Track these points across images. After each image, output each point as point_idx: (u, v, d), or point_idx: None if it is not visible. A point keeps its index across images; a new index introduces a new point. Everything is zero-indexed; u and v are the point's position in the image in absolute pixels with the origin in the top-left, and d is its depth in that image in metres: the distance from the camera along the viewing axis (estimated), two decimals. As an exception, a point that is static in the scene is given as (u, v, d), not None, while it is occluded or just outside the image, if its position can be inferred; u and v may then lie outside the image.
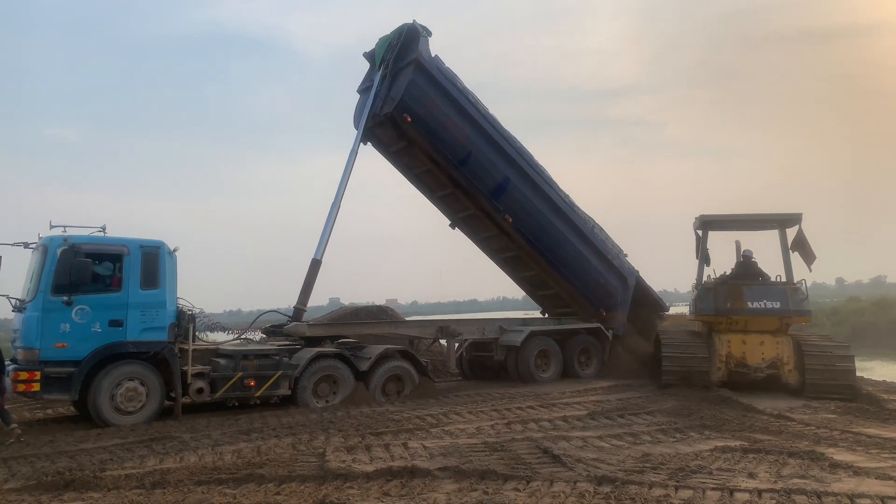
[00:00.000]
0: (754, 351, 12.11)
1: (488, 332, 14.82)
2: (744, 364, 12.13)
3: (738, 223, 13.71)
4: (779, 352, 11.98)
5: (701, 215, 13.20)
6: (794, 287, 12.27)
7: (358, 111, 14.43)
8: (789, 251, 12.67)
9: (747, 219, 13.51)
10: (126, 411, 9.97)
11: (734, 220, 13.55)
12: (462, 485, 6.11)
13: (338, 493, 5.90)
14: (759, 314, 12.06)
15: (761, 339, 12.10)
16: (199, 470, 6.88)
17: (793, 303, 12.01)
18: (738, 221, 13.60)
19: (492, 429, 8.93)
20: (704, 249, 13.16)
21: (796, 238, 12.51)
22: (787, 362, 11.88)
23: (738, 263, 13.21)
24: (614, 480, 6.04)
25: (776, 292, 12.20)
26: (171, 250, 10.81)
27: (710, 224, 13.29)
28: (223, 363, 11.04)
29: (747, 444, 7.63)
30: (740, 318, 12.21)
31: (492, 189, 14.19)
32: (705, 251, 13.17)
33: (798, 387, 11.65)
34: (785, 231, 12.87)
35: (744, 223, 13.71)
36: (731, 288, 12.54)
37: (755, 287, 12.47)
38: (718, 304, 12.37)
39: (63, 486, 6.38)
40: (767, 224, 13.42)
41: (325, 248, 13.18)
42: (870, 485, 5.86)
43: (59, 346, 9.71)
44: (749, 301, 12.15)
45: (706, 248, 13.18)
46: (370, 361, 11.87)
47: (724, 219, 13.43)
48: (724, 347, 12.27)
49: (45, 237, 10.27)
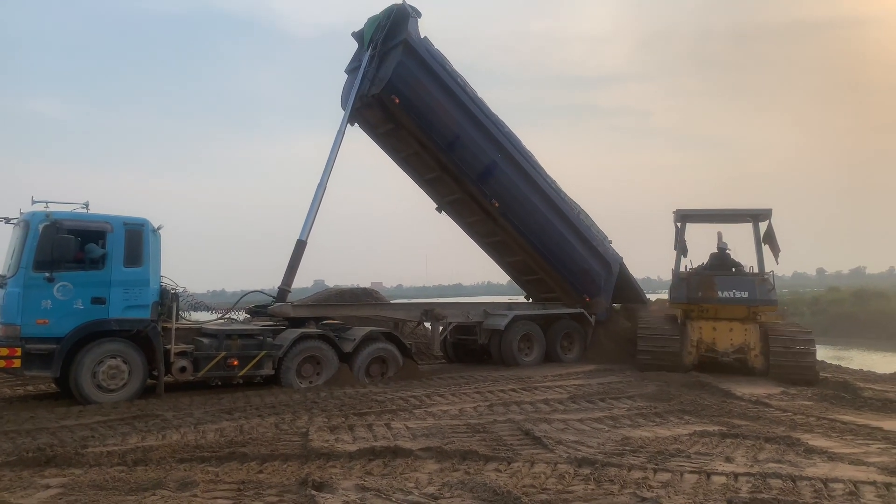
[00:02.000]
0: (724, 337, 12.88)
1: (473, 316, 14.87)
2: (713, 349, 12.93)
3: (714, 217, 14.45)
4: (746, 338, 12.70)
5: (678, 209, 13.94)
6: (762, 278, 12.96)
7: (345, 92, 14.33)
8: (761, 244, 13.33)
9: (722, 213, 14.29)
10: (108, 389, 9.93)
11: (709, 213, 14.33)
12: (444, 465, 6.17)
13: (320, 472, 5.93)
14: (728, 303, 12.90)
15: (730, 326, 12.86)
16: (181, 448, 6.89)
17: (760, 293, 12.76)
18: (714, 215, 14.36)
19: (474, 410, 9.00)
20: (682, 241, 13.85)
21: (766, 232, 13.23)
22: (754, 348, 12.59)
23: (712, 255, 13.89)
24: (594, 462, 6.12)
25: (745, 283, 12.95)
26: (155, 228, 10.73)
27: (688, 217, 14.02)
28: (206, 342, 11.02)
29: (725, 428, 7.75)
30: (711, 307, 13.05)
31: (479, 173, 14.18)
32: (683, 242, 13.86)
33: (763, 370, 12.39)
34: (758, 225, 13.48)
35: (719, 217, 14.44)
36: (703, 278, 13.35)
37: (726, 277, 13.25)
38: (691, 293, 13.22)
39: (44, 462, 6.37)
40: (741, 218, 14.07)
41: (310, 229, 13.13)
42: (843, 470, 5.98)
43: (41, 322, 9.63)
44: (719, 290, 12.99)
45: (684, 239, 13.85)
46: (354, 343, 11.89)
47: (701, 213, 14.20)
48: (696, 333, 13.03)
49: (27, 212, 10.15)
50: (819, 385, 11.41)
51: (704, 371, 12.43)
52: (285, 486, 5.48)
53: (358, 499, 5.11)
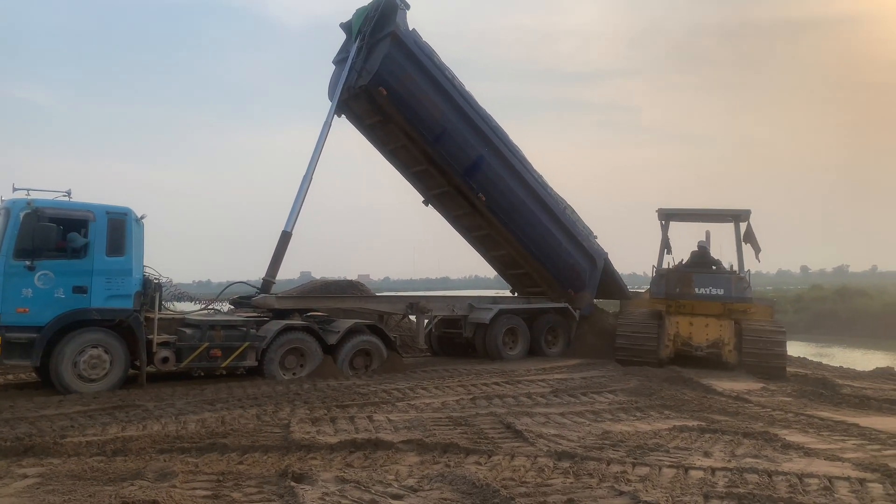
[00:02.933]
0: (700, 332, 13.27)
1: (458, 310, 14.89)
2: (688, 343, 13.28)
3: (696, 216, 14.80)
4: (721, 334, 13.09)
5: (661, 208, 14.36)
6: (738, 276, 13.34)
7: (333, 83, 14.25)
8: (742, 243, 13.69)
9: (703, 212, 14.66)
10: (89, 379, 9.86)
11: (691, 213, 14.68)
12: (425, 457, 6.19)
13: (301, 463, 5.94)
14: (704, 299, 13.35)
15: (706, 322, 13.26)
16: (161, 438, 6.86)
17: (736, 290, 13.19)
18: (695, 214, 14.71)
19: (457, 403, 9.03)
20: (665, 238, 14.21)
21: (746, 231, 13.62)
22: (728, 343, 12.99)
23: (692, 253, 14.22)
24: (574, 456, 6.17)
25: (721, 280, 13.38)
26: (139, 217, 10.65)
27: (671, 216, 14.39)
28: (189, 333, 10.96)
29: (705, 424, 7.83)
30: (688, 302, 13.46)
31: (466, 167, 14.17)
32: (666, 240, 14.24)
33: (736, 365, 12.76)
34: (738, 225, 13.81)
35: (701, 216, 14.78)
36: (682, 275, 13.78)
37: (703, 275, 13.65)
38: (669, 289, 13.68)
39: (22, 451, 6.31)
40: (723, 218, 14.41)
41: (295, 220, 13.07)
42: (819, 465, 6.05)
43: (21, 311, 9.54)
44: (696, 287, 13.44)
45: (667, 237, 14.23)
46: (339, 335, 11.87)
47: (683, 212, 14.56)
48: (674, 328, 13.43)
49: (8, 200, 10.03)
50: (798, 381, 11.54)
51: (680, 364, 12.83)
52: (265, 478, 5.48)
53: (337, 491, 5.12)
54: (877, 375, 12.70)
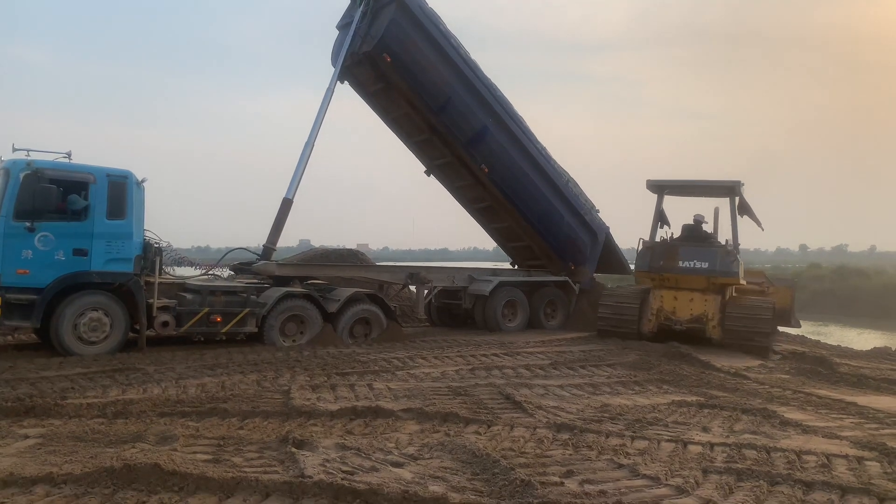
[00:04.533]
0: (684, 306, 12.95)
1: (458, 281, 14.88)
2: (670, 318, 13.00)
3: (685, 188, 14.18)
4: (706, 308, 12.76)
5: (650, 179, 13.84)
6: (726, 250, 12.83)
7: (336, 48, 14.05)
8: (737, 216, 13.22)
9: (692, 184, 14.04)
10: (89, 341, 9.87)
11: (680, 185, 14.05)
12: (424, 426, 6.22)
13: (301, 429, 5.95)
14: (687, 273, 12.84)
15: (691, 297, 12.91)
16: (162, 402, 6.88)
17: (721, 264, 12.64)
18: (685, 187, 14.12)
19: (456, 374, 9.06)
20: (659, 211, 13.79)
21: (740, 204, 13.18)
22: (712, 318, 12.66)
23: (684, 226, 13.72)
24: (573, 428, 6.19)
25: (707, 254, 12.84)
26: (139, 181, 10.57)
27: (662, 188, 13.85)
28: (190, 298, 10.95)
29: (703, 399, 7.86)
30: (671, 276, 13.02)
31: (469, 137, 14.05)
32: (660, 213, 13.80)
33: (720, 341, 12.49)
34: (734, 198, 13.27)
35: (690, 188, 14.19)
36: (667, 248, 13.31)
37: (689, 248, 13.13)
38: (653, 262, 13.21)
39: (23, 411, 6.33)
40: (715, 191, 13.81)
41: (296, 187, 12.99)
42: (816, 442, 6.08)
43: (21, 272, 9.50)
44: (681, 260, 12.93)
45: (661, 210, 13.80)
46: (339, 303, 11.87)
47: (672, 183, 13.94)
48: (658, 302, 13.15)
49: (8, 160, 9.92)
50: (796, 359, 11.56)
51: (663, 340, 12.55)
52: (265, 443, 5.50)
53: (338, 457, 5.13)
54: (874, 355, 12.73)
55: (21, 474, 4.49)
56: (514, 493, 4.39)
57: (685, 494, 4.59)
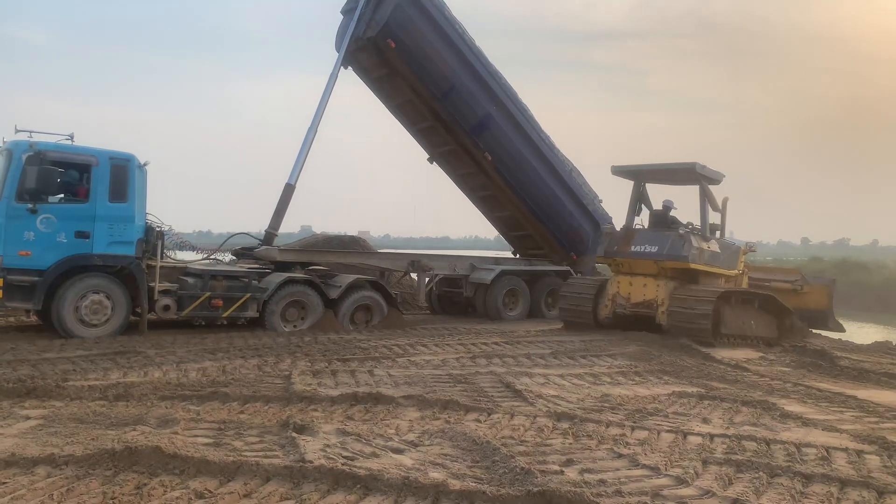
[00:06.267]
0: (638, 292, 12.72)
1: (459, 269, 14.88)
2: (621, 304, 12.82)
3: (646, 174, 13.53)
4: (657, 294, 12.50)
5: (615, 165, 13.49)
6: (679, 234, 12.38)
7: (340, 33, 13.98)
8: (704, 203, 12.81)
9: (652, 168, 13.45)
10: (90, 324, 9.90)
11: (641, 170, 13.46)
12: (425, 413, 6.22)
13: (302, 414, 5.96)
14: (638, 257, 12.62)
15: (644, 282, 12.67)
16: (163, 385, 6.89)
17: (670, 248, 12.24)
18: (646, 172, 13.49)
19: (457, 361, 9.06)
20: (635, 197, 13.45)
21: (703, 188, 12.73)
22: (662, 304, 12.40)
23: (652, 213, 13.45)
24: (573, 417, 6.19)
25: (658, 238, 12.52)
26: (142, 164, 10.55)
27: (625, 173, 13.46)
28: (191, 282, 10.96)
29: (703, 390, 7.85)
30: (625, 261, 12.81)
31: (473, 125, 14.00)
32: (634, 199, 13.46)
33: (667, 328, 12.14)
34: (703, 184, 12.79)
35: (653, 174, 13.59)
36: (626, 233, 13.10)
37: (643, 233, 12.94)
38: (608, 247, 13.07)
39: (24, 393, 6.34)
40: (676, 175, 13.40)
41: (299, 173, 12.98)
42: (816, 435, 6.08)
43: (23, 254, 9.52)
44: (633, 245, 12.72)
45: (637, 196, 13.45)
46: (340, 290, 11.88)
47: (633, 169, 13.44)
48: (614, 288, 12.97)
49: (10, 142, 9.91)
50: (796, 352, 11.55)
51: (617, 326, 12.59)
52: (266, 428, 5.50)
53: (339, 443, 5.14)
54: (875, 349, 12.71)
55: (22, 455, 4.50)
56: (514, 481, 4.39)
57: (684, 485, 4.59)
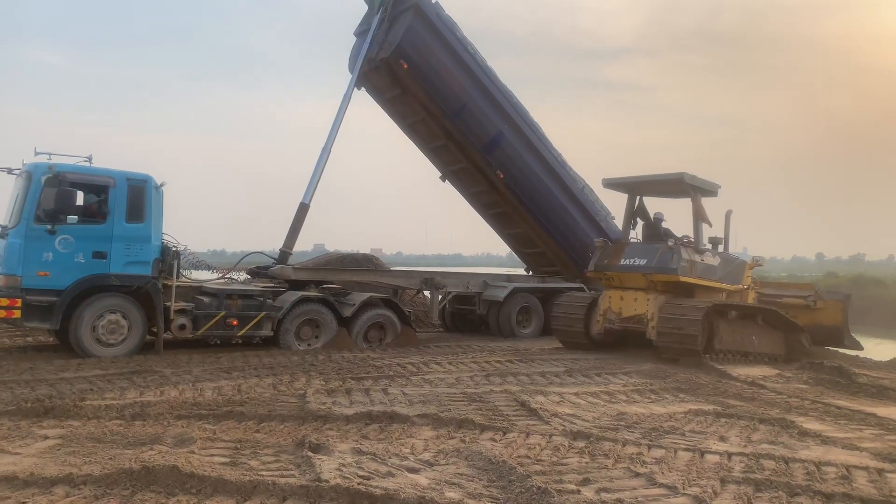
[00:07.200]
0: (629, 306, 12.31)
1: (472, 286, 14.89)
2: (610, 319, 12.45)
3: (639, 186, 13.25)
4: (647, 308, 12.04)
5: (605, 178, 13.33)
6: (668, 247, 12.02)
7: (354, 55, 14.17)
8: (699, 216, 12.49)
9: (641, 180, 13.13)
10: (107, 343, 9.98)
11: (632, 182, 13.18)
12: (440, 432, 6.21)
13: (317, 433, 5.97)
14: (627, 270, 12.26)
15: (635, 296, 12.27)
16: (179, 404, 6.93)
17: (658, 261, 11.86)
18: (639, 184, 13.20)
19: (471, 380, 9.04)
20: (630, 210, 13.27)
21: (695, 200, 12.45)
22: (652, 319, 11.92)
23: (643, 225, 13.21)
24: (589, 436, 6.16)
25: (647, 251, 12.17)
26: (158, 185, 10.67)
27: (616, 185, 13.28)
28: (206, 301, 11.04)
29: (720, 408, 7.78)
30: (615, 274, 12.46)
31: (485, 143, 14.09)
32: (629, 212, 13.27)
33: (656, 344, 11.74)
34: (695, 196, 12.50)
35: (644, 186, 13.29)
36: (616, 246, 12.79)
37: (634, 245, 12.62)
38: (599, 261, 12.74)
39: (43, 412, 6.40)
40: (666, 187, 13.06)
41: (313, 192, 13.09)
42: (836, 454, 6.01)
43: (42, 274, 9.64)
44: (623, 258, 12.36)
45: (631, 209, 13.25)
46: (354, 308, 11.91)
47: (623, 181, 13.21)
48: (606, 302, 12.60)
49: (30, 164, 10.08)
50: (814, 369, 11.42)
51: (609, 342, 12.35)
52: (282, 447, 5.52)
53: (354, 462, 5.14)
54: (894, 366, 12.57)
55: (41, 475, 4.54)
56: (530, 501, 4.38)
57: (703, 504, 4.56)
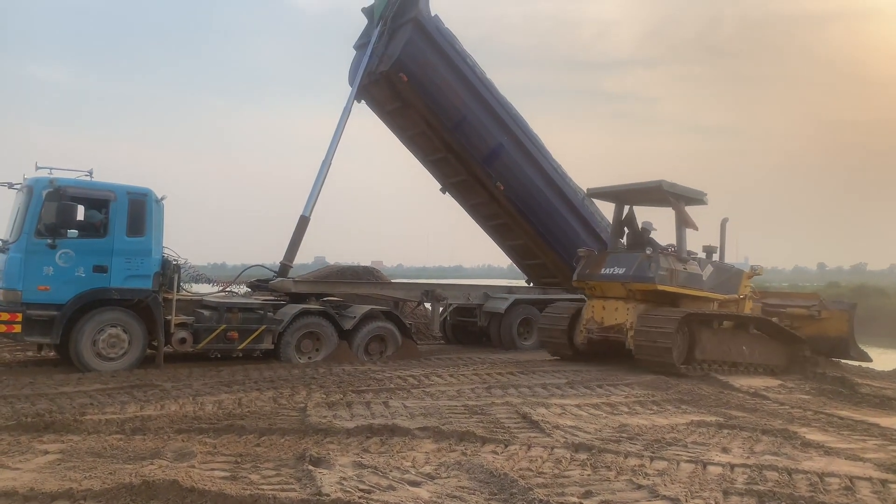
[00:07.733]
0: (611, 316, 12.32)
1: (473, 298, 14.88)
2: (591, 329, 12.46)
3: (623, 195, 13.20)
4: (627, 318, 12.04)
5: (589, 188, 13.54)
6: (646, 255, 11.94)
7: (353, 68, 14.24)
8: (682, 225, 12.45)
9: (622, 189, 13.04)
10: (108, 357, 9.96)
11: (613, 191, 13.16)
12: (441, 445, 6.18)
13: (318, 447, 5.95)
14: (607, 279, 12.29)
15: (616, 306, 12.28)
16: (179, 418, 6.91)
17: (636, 269, 11.86)
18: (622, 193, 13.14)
19: (472, 392, 9.01)
20: (616, 219, 13.36)
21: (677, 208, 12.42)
22: (631, 328, 11.90)
23: (628, 234, 13.27)
24: (591, 448, 6.13)
25: (626, 260, 12.18)
26: (159, 198, 10.69)
27: (599, 195, 13.48)
28: (207, 314, 11.03)
29: (722, 419, 7.76)
30: (597, 284, 12.51)
31: (485, 155, 14.13)
32: (616, 221, 13.36)
33: (635, 353, 11.72)
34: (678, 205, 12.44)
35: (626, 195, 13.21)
36: (599, 256, 12.85)
37: (616, 255, 12.62)
38: (581, 271, 12.81)
39: (43, 427, 6.38)
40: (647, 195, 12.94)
41: (313, 205, 13.11)
42: (839, 464, 5.98)
43: (42, 288, 9.63)
44: (604, 268, 12.39)
45: (619, 218, 13.33)
46: (354, 320, 11.90)
47: (605, 191, 13.27)
48: (589, 312, 12.63)
49: (31, 178, 10.10)
50: (817, 379, 11.40)
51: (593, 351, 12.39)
52: (282, 460, 5.50)
53: (355, 475, 5.12)
54: (896, 376, 12.54)
55: (41, 490, 4.52)
56: (532, 514, 4.35)
57: (706, 516, 4.53)
